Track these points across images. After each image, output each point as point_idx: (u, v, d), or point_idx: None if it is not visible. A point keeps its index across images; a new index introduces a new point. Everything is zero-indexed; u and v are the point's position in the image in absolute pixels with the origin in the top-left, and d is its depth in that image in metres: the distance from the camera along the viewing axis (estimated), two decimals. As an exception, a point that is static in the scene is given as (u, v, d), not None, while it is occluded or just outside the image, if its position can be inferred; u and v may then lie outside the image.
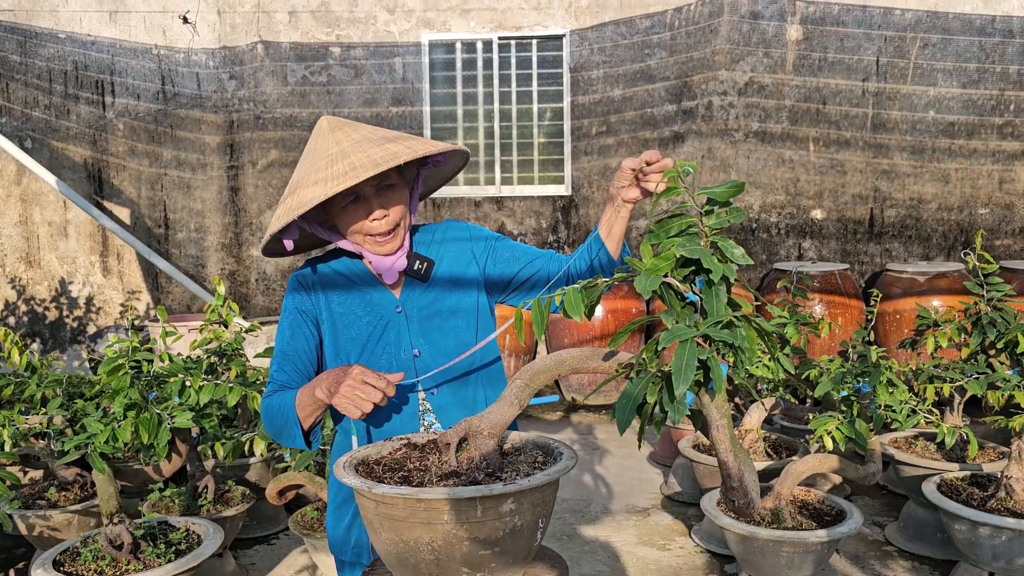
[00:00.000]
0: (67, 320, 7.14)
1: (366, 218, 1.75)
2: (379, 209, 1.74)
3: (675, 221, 1.38)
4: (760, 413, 3.92)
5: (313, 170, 1.72)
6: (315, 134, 1.81)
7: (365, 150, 1.70)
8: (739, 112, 6.74)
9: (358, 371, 1.62)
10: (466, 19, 6.79)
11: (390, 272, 1.81)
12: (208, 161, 6.99)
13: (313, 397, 1.70)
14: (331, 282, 1.88)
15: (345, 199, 1.73)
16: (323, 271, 1.90)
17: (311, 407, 1.72)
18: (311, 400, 1.71)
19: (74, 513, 3.44)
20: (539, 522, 1.38)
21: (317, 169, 1.71)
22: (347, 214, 1.75)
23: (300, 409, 1.74)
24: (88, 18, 6.82)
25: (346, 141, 1.73)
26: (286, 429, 1.77)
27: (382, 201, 1.75)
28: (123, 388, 2.86)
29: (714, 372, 1.24)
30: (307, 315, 1.86)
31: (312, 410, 1.73)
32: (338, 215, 1.77)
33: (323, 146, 1.75)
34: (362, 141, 1.73)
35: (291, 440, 1.79)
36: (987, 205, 6.73)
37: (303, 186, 1.72)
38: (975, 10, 6.52)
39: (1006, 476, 3.09)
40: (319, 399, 1.68)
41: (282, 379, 1.83)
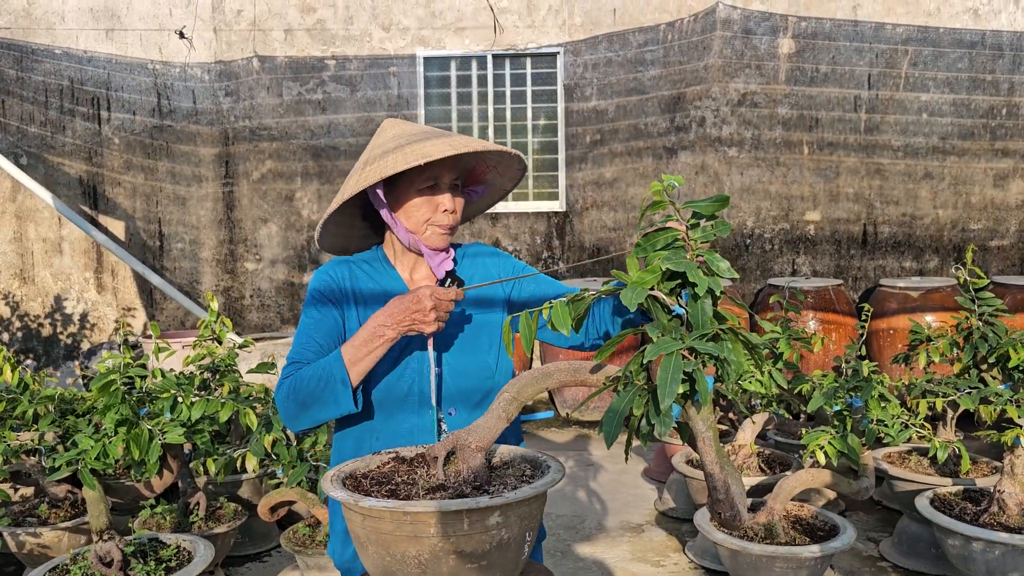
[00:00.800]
0: (61, 337, 7.13)
1: (438, 208, 1.76)
2: (450, 200, 1.76)
3: (661, 234, 1.39)
4: (753, 428, 3.92)
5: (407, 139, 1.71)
6: (385, 127, 1.82)
7: (456, 135, 1.73)
8: (732, 128, 6.78)
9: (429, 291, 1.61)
10: (461, 36, 6.84)
11: (439, 269, 1.81)
12: (203, 176, 7.01)
13: (380, 340, 1.64)
14: (360, 280, 1.85)
15: (425, 182, 1.74)
16: (352, 268, 1.87)
17: (373, 355, 1.66)
18: (375, 345, 1.65)
19: (64, 530, 3.42)
20: (526, 535, 1.38)
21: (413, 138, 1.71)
22: (420, 199, 1.75)
23: (354, 363, 1.66)
24: (84, 35, 6.86)
25: (429, 130, 1.76)
26: (324, 395, 1.67)
27: (455, 196, 1.78)
28: (114, 404, 2.85)
29: (699, 384, 1.24)
30: (335, 303, 1.82)
31: (373, 359, 1.66)
32: (409, 198, 1.76)
33: (404, 129, 1.77)
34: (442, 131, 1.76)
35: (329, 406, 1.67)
36: (979, 220, 6.76)
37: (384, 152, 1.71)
38: (965, 25, 6.59)
39: (999, 491, 3.09)
40: (389, 339, 1.64)
41: (310, 357, 1.75)
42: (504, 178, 1.94)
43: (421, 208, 1.76)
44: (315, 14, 6.84)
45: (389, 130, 1.81)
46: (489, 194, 1.98)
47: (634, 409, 1.27)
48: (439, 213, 1.76)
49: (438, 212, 1.76)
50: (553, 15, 6.76)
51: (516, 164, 1.88)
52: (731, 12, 6.67)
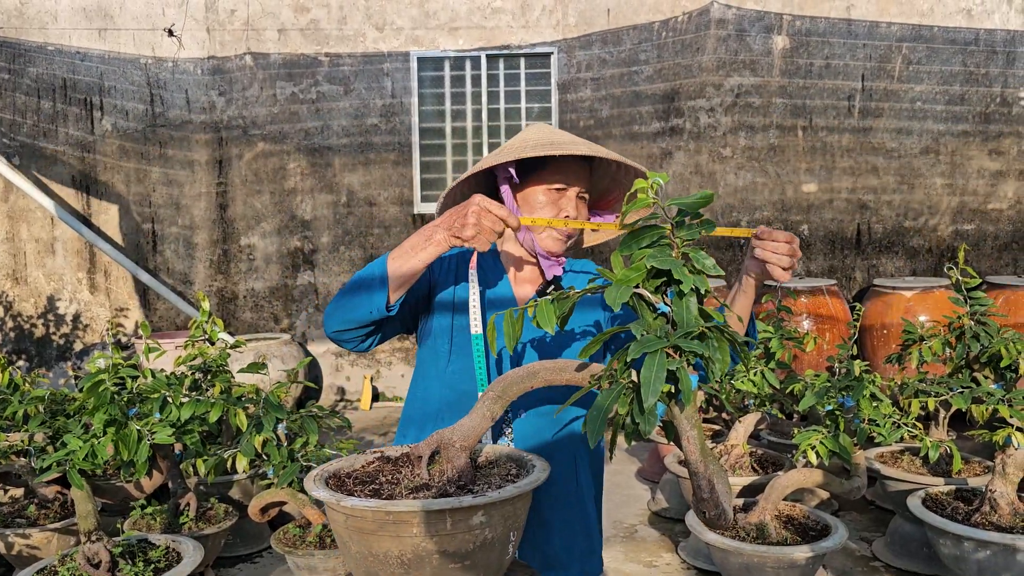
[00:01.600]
0: (54, 337, 7.11)
1: (558, 211, 1.74)
2: (574, 210, 1.75)
3: (646, 232, 1.38)
4: (746, 428, 3.91)
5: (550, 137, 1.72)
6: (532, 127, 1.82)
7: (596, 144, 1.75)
8: (726, 128, 6.78)
9: (479, 198, 1.54)
10: (454, 36, 6.83)
11: (550, 270, 1.78)
12: (196, 178, 6.99)
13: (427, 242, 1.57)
14: (461, 259, 1.83)
15: (554, 183, 1.74)
16: (467, 253, 1.85)
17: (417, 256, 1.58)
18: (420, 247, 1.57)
19: (54, 531, 3.41)
20: (510, 535, 1.37)
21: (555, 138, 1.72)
22: (547, 196, 1.74)
23: (397, 258, 1.60)
24: (78, 34, 6.84)
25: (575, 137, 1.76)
26: (364, 283, 1.62)
27: (580, 205, 1.77)
28: (103, 404, 2.84)
29: (683, 383, 1.23)
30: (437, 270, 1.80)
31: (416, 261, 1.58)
32: (536, 193, 1.75)
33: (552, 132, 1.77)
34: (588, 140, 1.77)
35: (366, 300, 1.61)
36: (972, 220, 6.77)
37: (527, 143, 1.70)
38: (959, 24, 6.59)
39: (990, 490, 3.09)
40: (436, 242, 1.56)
41: None
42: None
43: (544, 207, 1.75)
44: (308, 14, 6.83)
45: (536, 130, 1.80)
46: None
47: (618, 408, 1.26)
48: (559, 215, 1.74)
49: (559, 215, 1.74)
50: (547, 15, 6.75)
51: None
52: (725, 11, 6.67)
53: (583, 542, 1.86)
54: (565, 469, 1.79)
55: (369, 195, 6.96)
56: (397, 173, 6.92)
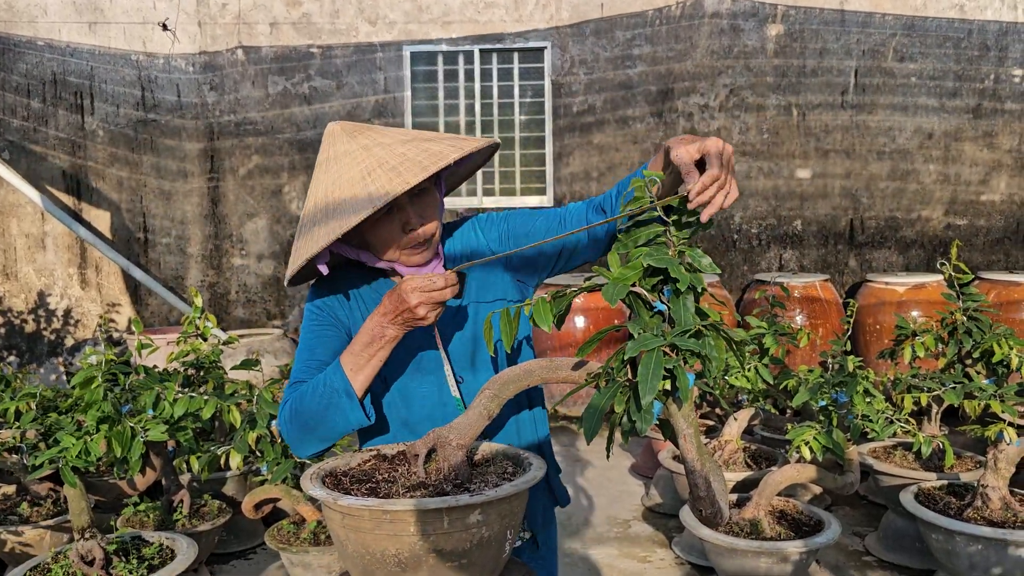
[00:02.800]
0: (45, 333, 7.07)
1: (402, 229, 1.58)
2: (416, 218, 1.58)
3: (643, 230, 1.38)
4: (740, 424, 3.92)
5: (346, 182, 1.52)
6: (330, 141, 1.60)
7: (399, 151, 1.53)
8: (720, 121, 6.78)
9: (409, 286, 1.46)
10: (448, 30, 6.81)
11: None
12: (188, 170, 6.95)
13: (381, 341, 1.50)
14: (363, 294, 1.71)
15: (376, 212, 1.50)
16: (353, 279, 1.72)
17: (377, 357, 1.52)
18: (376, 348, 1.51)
19: (47, 528, 3.39)
20: (507, 533, 1.37)
21: (352, 181, 1.51)
22: (381, 227, 1.57)
23: (355, 371, 1.52)
24: (68, 28, 6.79)
25: (376, 147, 1.55)
26: (331, 409, 1.53)
27: (419, 209, 1.59)
28: (96, 401, 2.83)
29: (680, 381, 1.23)
30: (338, 320, 1.69)
31: (377, 362, 1.53)
32: (369, 229, 1.57)
33: (348, 152, 1.55)
34: (395, 144, 1.56)
35: (337, 422, 1.53)
36: (965, 216, 6.79)
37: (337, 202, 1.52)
38: (953, 16, 6.60)
39: (982, 485, 3.11)
40: (391, 338, 1.50)
41: (308, 378, 1.62)
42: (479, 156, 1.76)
43: (385, 236, 1.59)
44: (301, 8, 6.80)
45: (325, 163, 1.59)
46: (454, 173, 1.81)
47: (615, 406, 1.26)
48: (407, 235, 1.58)
49: (403, 235, 1.58)
50: (540, 9, 6.74)
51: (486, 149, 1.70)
52: (719, 3, 6.67)
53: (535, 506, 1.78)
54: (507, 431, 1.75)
55: (362, 190, 6.94)
56: (390, 168, 6.90)
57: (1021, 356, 3.43)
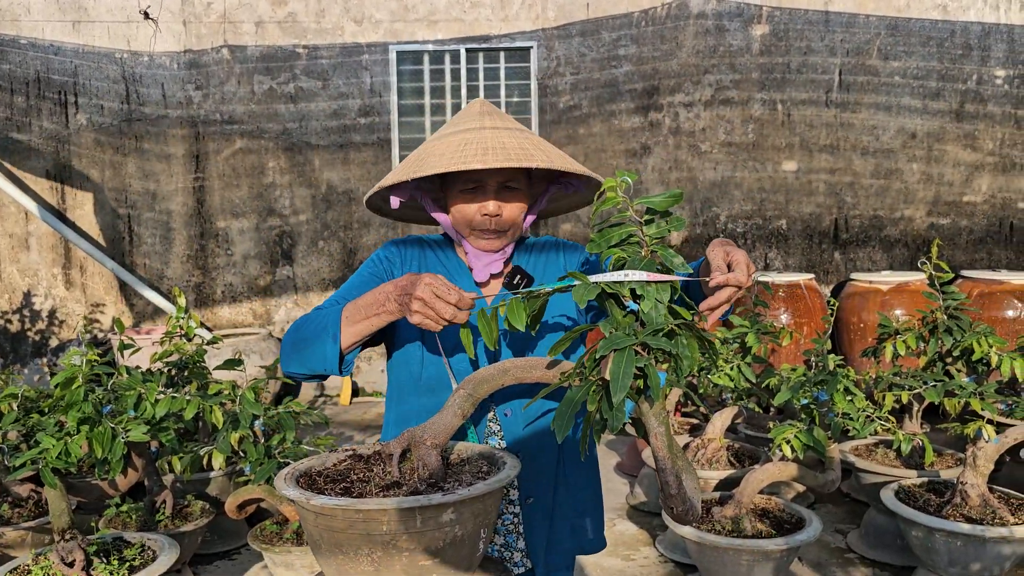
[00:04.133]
0: (29, 333, 7.03)
1: (479, 209, 1.69)
2: (495, 204, 1.69)
3: (615, 230, 1.39)
4: (723, 422, 3.94)
5: (444, 138, 1.69)
6: (465, 111, 1.77)
7: (503, 140, 1.66)
8: (705, 121, 6.80)
9: (429, 279, 1.46)
10: (433, 30, 6.80)
11: (482, 270, 1.74)
12: (173, 172, 6.93)
13: (380, 308, 1.53)
14: (428, 260, 1.80)
15: (466, 184, 1.69)
16: (424, 247, 1.83)
17: (369, 321, 1.55)
18: (373, 311, 1.54)
19: (27, 530, 3.38)
20: (481, 532, 1.37)
21: (448, 139, 1.68)
22: (462, 199, 1.70)
23: (351, 321, 1.56)
24: (51, 27, 6.75)
25: (490, 128, 1.69)
26: (317, 341, 1.58)
27: (500, 199, 1.70)
28: (76, 401, 2.81)
29: (651, 380, 1.24)
30: (390, 277, 1.75)
31: (367, 325, 1.56)
32: (454, 197, 1.72)
33: (465, 123, 1.72)
34: (503, 131, 1.69)
35: (317, 357, 1.59)
36: (947, 215, 6.83)
37: (430, 153, 1.67)
38: (936, 17, 6.64)
39: (961, 482, 3.13)
40: (388, 311, 1.53)
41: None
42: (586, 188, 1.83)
43: (463, 210, 1.71)
44: (286, 7, 6.78)
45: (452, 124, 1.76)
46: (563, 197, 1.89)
47: (588, 404, 1.27)
48: (480, 216, 1.70)
49: (479, 215, 1.70)
50: (526, 8, 6.74)
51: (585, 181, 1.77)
52: (704, 3, 6.69)
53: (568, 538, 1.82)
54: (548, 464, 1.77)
55: (348, 189, 6.93)
56: (376, 168, 6.90)
57: (1001, 354, 3.46)
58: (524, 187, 1.73)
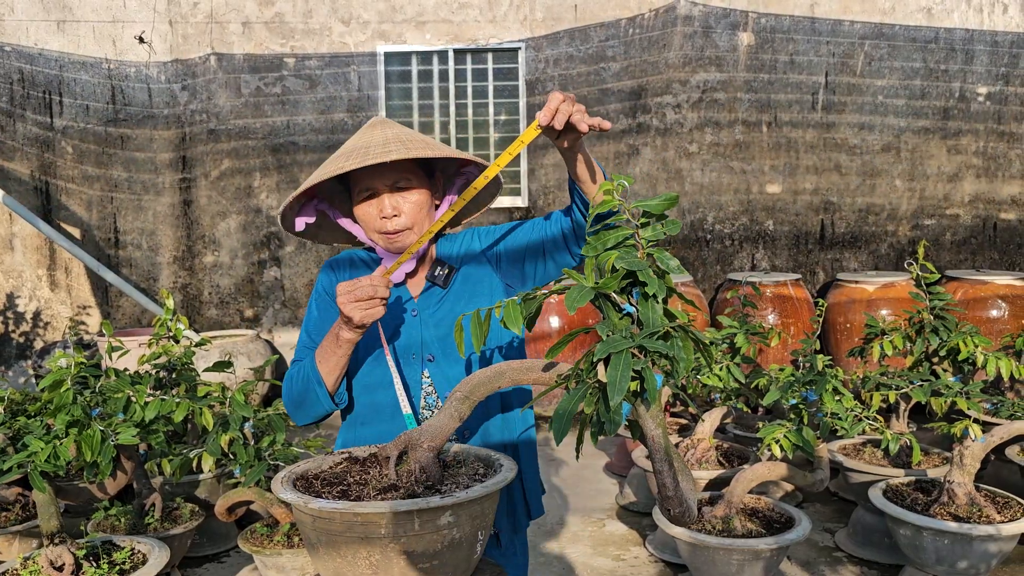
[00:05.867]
0: (13, 335, 6.97)
1: (377, 214, 1.75)
2: (389, 207, 1.74)
3: (612, 233, 1.40)
4: (712, 422, 3.96)
5: (334, 158, 1.75)
6: (361, 129, 1.83)
7: (387, 145, 1.70)
8: (692, 124, 6.83)
9: (341, 289, 1.61)
10: (422, 31, 6.80)
11: (397, 272, 1.81)
12: (160, 173, 6.89)
13: (339, 341, 1.67)
14: (358, 271, 1.89)
15: (362, 192, 1.75)
16: (353, 258, 1.92)
17: (335, 355, 1.70)
18: (335, 347, 1.69)
19: (15, 534, 3.35)
20: (478, 534, 1.38)
21: (338, 158, 1.73)
22: (361, 208, 1.77)
23: (323, 363, 1.72)
24: (35, 28, 6.69)
25: (378, 136, 1.74)
26: (309, 394, 1.75)
27: (394, 200, 1.75)
28: (65, 404, 2.80)
29: (648, 383, 1.25)
30: (332, 298, 1.85)
31: (336, 360, 1.71)
32: (356, 207, 1.79)
33: (356, 137, 1.78)
34: (391, 139, 1.73)
35: (315, 406, 1.76)
36: (932, 216, 6.90)
37: (319, 168, 1.75)
38: (920, 22, 6.70)
39: (948, 481, 3.16)
40: (346, 339, 1.66)
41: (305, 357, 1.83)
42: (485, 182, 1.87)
43: (364, 217, 1.78)
44: (273, 7, 6.76)
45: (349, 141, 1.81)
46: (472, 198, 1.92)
47: (584, 407, 1.28)
48: (379, 220, 1.75)
49: (378, 219, 1.75)
50: (514, 10, 6.75)
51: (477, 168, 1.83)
52: (691, 8, 6.72)
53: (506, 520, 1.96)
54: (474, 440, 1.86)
55: (336, 190, 6.91)
56: (364, 168, 6.88)
57: (986, 354, 3.49)
58: (420, 184, 1.78)
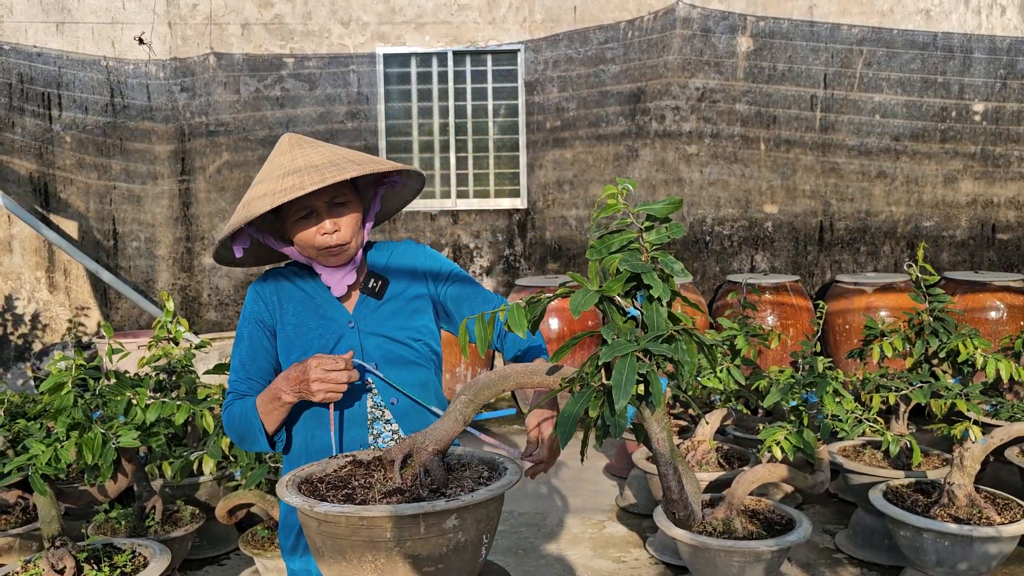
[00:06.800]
0: (12, 337, 6.96)
1: (317, 232, 1.78)
2: (330, 223, 1.77)
3: (616, 237, 1.40)
4: (712, 424, 3.96)
5: (265, 181, 1.77)
6: (276, 149, 1.85)
7: (316, 165, 1.74)
8: (692, 124, 6.84)
9: (315, 363, 1.67)
10: (421, 33, 6.80)
11: (338, 286, 1.86)
12: (158, 174, 6.88)
13: (278, 401, 1.74)
14: (287, 292, 1.91)
15: (298, 213, 1.77)
16: (281, 281, 1.93)
17: (276, 412, 1.77)
18: (275, 405, 1.76)
19: (15, 537, 3.35)
20: (483, 538, 1.38)
21: (269, 181, 1.76)
22: (298, 227, 1.79)
23: (264, 415, 1.79)
24: (34, 29, 6.69)
25: (301, 158, 1.77)
26: (249, 435, 1.82)
27: (333, 216, 1.78)
28: (66, 407, 2.79)
29: (653, 386, 1.25)
30: (264, 324, 1.89)
31: (277, 416, 1.78)
32: (291, 228, 1.81)
33: (280, 160, 1.80)
34: (315, 158, 1.77)
35: (255, 445, 1.85)
36: (931, 218, 6.91)
37: (255, 197, 1.76)
38: (917, 27, 6.72)
39: (948, 483, 3.17)
40: (286, 402, 1.74)
41: (242, 389, 1.87)
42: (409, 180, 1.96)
43: (303, 237, 1.80)
44: (272, 9, 6.76)
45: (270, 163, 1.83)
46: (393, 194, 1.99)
47: (589, 410, 1.28)
48: (320, 237, 1.78)
49: (318, 237, 1.78)
50: (514, 12, 6.76)
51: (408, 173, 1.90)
52: (690, 11, 6.73)
53: None
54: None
55: (335, 192, 6.91)
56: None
57: (986, 356, 3.50)
58: (353, 198, 1.82)
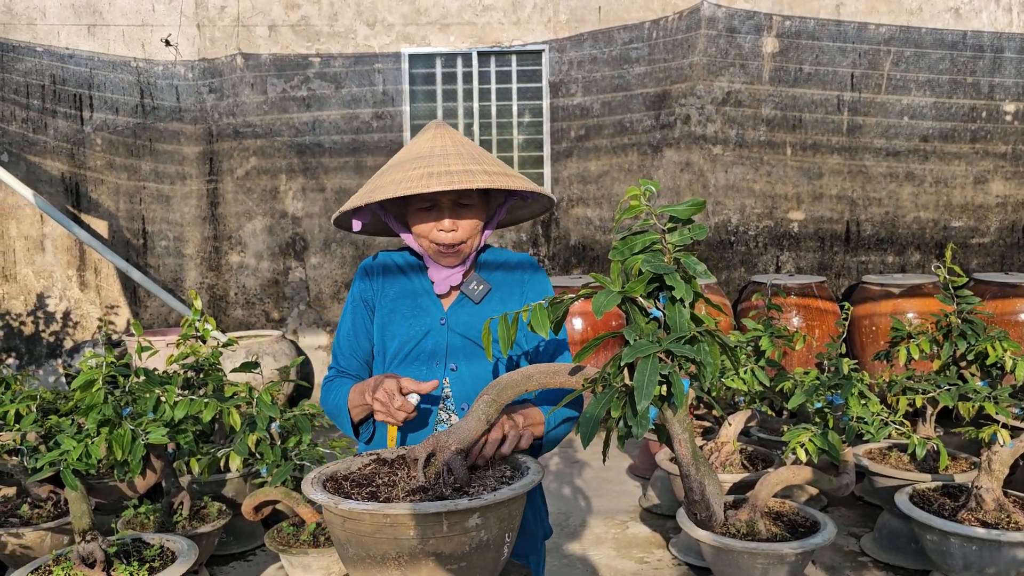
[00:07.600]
0: (44, 335, 7.08)
1: (435, 227, 1.80)
2: (449, 221, 1.79)
3: (639, 238, 1.41)
4: (736, 425, 3.94)
5: (399, 165, 1.79)
6: (419, 135, 1.88)
7: (449, 164, 1.75)
8: (717, 125, 6.80)
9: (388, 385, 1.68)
10: (446, 33, 6.83)
11: (442, 284, 1.88)
12: (187, 174, 6.97)
13: (363, 398, 1.79)
14: (392, 274, 1.95)
15: (421, 203, 1.80)
16: (387, 263, 1.97)
17: (361, 408, 1.83)
18: (361, 400, 1.81)
19: (47, 531, 3.41)
20: (506, 536, 1.39)
21: (402, 165, 1.77)
22: (419, 217, 1.82)
23: (353, 407, 1.85)
24: (66, 31, 6.80)
25: (439, 150, 1.79)
26: (339, 418, 1.89)
27: (455, 215, 1.80)
28: (96, 404, 2.84)
29: (675, 387, 1.25)
30: (367, 303, 1.94)
31: (362, 410, 1.84)
32: (412, 215, 1.84)
33: (419, 146, 1.82)
34: (452, 155, 1.78)
35: (343, 428, 1.91)
36: (960, 219, 6.82)
37: (382, 183, 1.77)
38: (947, 25, 6.64)
39: (976, 486, 3.13)
40: (366, 403, 1.77)
41: (343, 364, 1.95)
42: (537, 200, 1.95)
43: (421, 229, 1.83)
44: (299, 11, 6.82)
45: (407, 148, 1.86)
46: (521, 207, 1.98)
47: (611, 411, 1.29)
48: (436, 233, 1.80)
49: (435, 232, 1.80)
50: (538, 12, 6.76)
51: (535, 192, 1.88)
52: (715, 10, 6.69)
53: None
54: None
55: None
56: (388, 170, 6.92)
57: (1015, 358, 3.45)
58: (478, 203, 1.83)
